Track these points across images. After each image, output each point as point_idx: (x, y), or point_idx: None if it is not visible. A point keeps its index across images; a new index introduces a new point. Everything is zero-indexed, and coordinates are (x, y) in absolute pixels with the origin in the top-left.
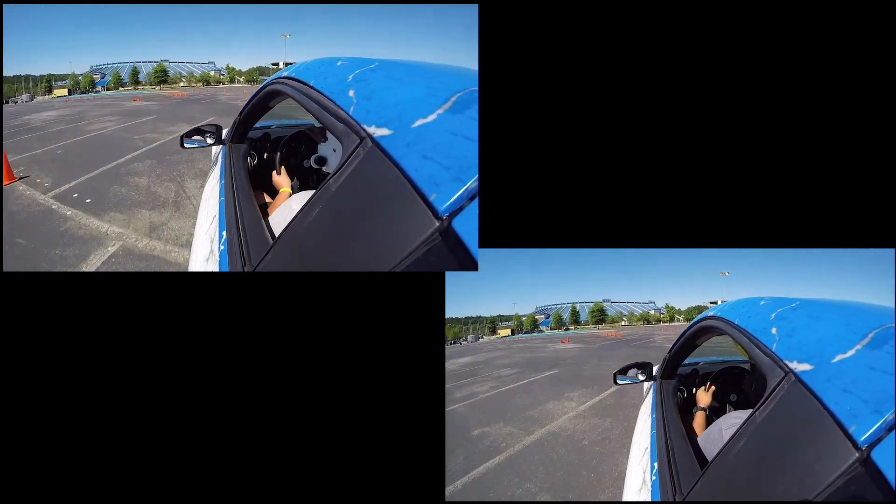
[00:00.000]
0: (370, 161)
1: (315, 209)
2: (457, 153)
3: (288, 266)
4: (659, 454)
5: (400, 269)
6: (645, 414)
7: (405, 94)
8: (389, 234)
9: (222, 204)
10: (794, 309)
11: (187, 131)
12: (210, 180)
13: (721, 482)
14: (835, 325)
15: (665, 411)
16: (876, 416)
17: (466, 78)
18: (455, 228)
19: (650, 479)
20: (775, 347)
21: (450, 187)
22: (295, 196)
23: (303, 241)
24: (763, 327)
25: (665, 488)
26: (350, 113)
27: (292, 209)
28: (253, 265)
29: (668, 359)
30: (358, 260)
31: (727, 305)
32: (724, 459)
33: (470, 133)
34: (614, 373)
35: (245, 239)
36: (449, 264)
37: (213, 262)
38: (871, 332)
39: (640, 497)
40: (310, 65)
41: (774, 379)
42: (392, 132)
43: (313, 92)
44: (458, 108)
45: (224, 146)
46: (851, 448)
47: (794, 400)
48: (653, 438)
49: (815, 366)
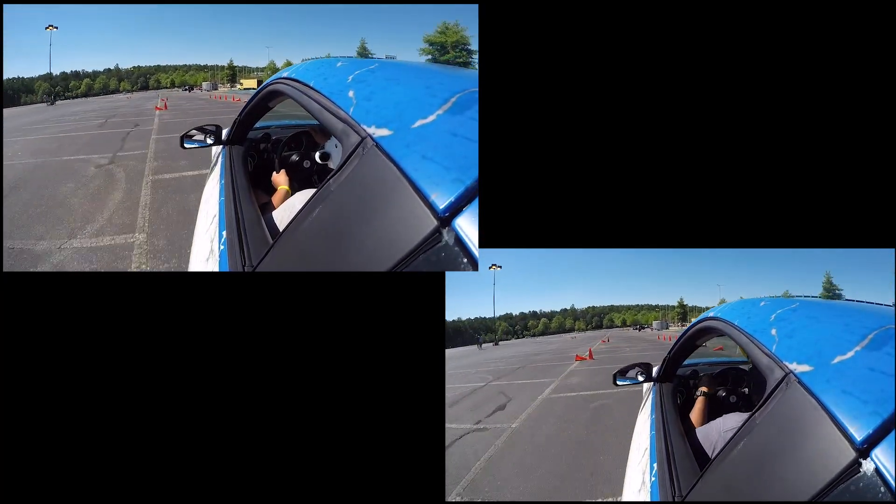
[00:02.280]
0: (370, 161)
1: (315, 209)
2: (457, 154)
3: (288, 266)
4: (658, 455)
5: (400, 269)
6: (644, 415)
7: (405, 95)
8: (389, 234)
9: (222, 204)
10: (794, 310)
11: (187, 131)
12: (210, 180)
13: (720, 483)
14: (834, 327)
15: (664, 412)
16: (875, 417)
17: (466, 79)
18: (455, 228)
19: (649, 479)
20: (775, 348)
21: (450, 187)
22: (298, 194)
23: (303, 241)
24: (763, 328)
25: (664, 489)
26: (350, 113)
27: (294, 207)
28: (253, 265)
29: (668, 360)
30: (358, 260)
31: (727, 306)
32: (724, 460)
33: (470, 133)
34: (614, 374)
35: (245, 239)
36: (449, 264)
37: (213, 262)
38: (870, 334)
39: (640, 498)
40: (310, 65)
41: (774, 380)
42: (392, 132)
43: (313, 93)
44: (458, 109)
45: (224, 146)
46: (851, 449)
47: (793, 401)
48: (652, 439)
49: (814, 367)
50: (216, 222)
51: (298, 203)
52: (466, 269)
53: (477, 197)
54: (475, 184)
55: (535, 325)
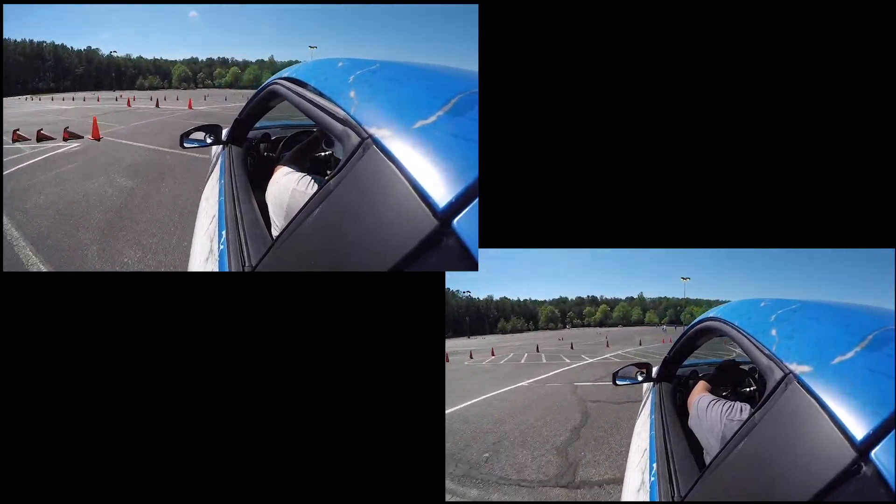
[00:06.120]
0: (371, 162)
1: (315, 209)
2: (457, 154)
3: (288, 266)
4: (658, 455)
5: (400, 269)
6: (644, 415)
7: (406, 96)
8: (389, 234)
9: (222, 204)
10: (795, 311)
11: (187, 131)
12: (210, 180)
13: (720, 483)
14: (834, 327)
15: (664, 413)
16: (875, 418)
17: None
18: (455, 228)
19: (649, 480)
20: (775, 349)
21: (450, 188)
22: (292, 173)
23: (303, 241)
24: (763, 329)
25: (664, 489)
26: (351, 114)
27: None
28: (253, 265)
29: (668, 360)
30: (358, 260)
31: (727, 307)
32: (724, 460)
33: (470, 134)
34: (613, 374)
35: (245, 239)
36: (449, 264)
37: (213, 262)
38: (870, 335)
39: (639, 498)
40: (310, 66)
41: (774, 380)
42: (393, 133)
43: (314, 92)
44: (459, 110)
45: (224, 146)
46: (850, 449)
47: (793, 401)
48: (651, 440)
49: (814, 367)
50: (216, 222)
51: (284, 176)
52: (466, 270)
53: (477, 197)
54: (475, 184)
55: (592, 311)
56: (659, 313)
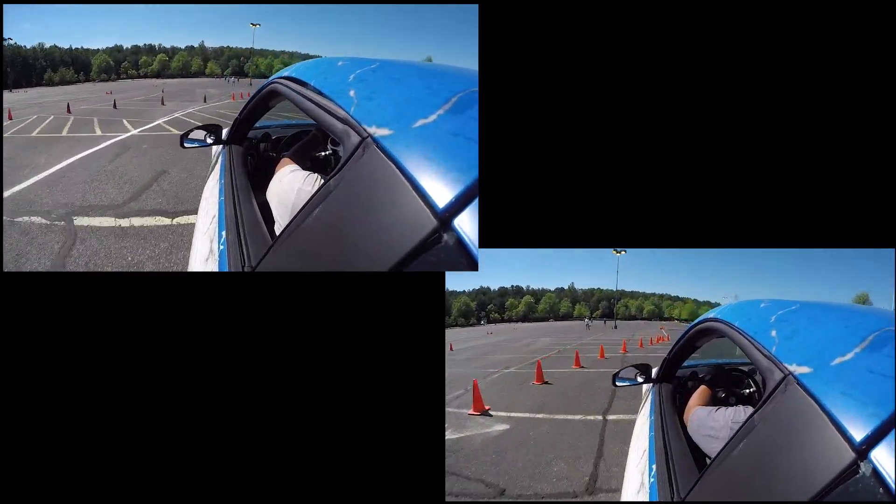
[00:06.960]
0: (371, 161)
1: (315, 209)
2: (457, 153)
3: (288, 266)
4: (657, 456)
5: (400, 269)
6: (643, 416)
7: (406, 95)
8: (389, 233)
9: (222, 203)
10: (795, 311)
11: (186, 130)
12: (210, 180)
13: (719, 484)
14: (834, 328)
15: (664, 414)
16: (874, 419)
17: (467, 78)
18: (455, 228)
19: (648, 480)
20: (775, 350)
21: (450, 187)
22: (294, 169)
23: (303, 241)
24: (763, 329)
25: (663, 490)
26: (351, 113)
27: (286, 182)
28: (253, 265)
29: (667, 361)
30: (358, 260)
31: (727, 307)
32: (723, 461)
33: (470, 133)
34: (613, 374)
35: (245, 239)
36: (449, 264)
37: (213, 262)
38: (870, 335)
39: (639, 499)
40: (310, 65)
41: (773, 381)
42: (393, 132)
43: (313, 92)
44: (459, 109)
45: (224, 146)
46: (850, 450)
47: (793, 402)
48: (651, 440)
49: (814, 368)
50: (216, 222)
51: (290, 172)
52: (466, 269)
53: (477, 197)
54: (475, 184)
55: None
56: (591, 305)
